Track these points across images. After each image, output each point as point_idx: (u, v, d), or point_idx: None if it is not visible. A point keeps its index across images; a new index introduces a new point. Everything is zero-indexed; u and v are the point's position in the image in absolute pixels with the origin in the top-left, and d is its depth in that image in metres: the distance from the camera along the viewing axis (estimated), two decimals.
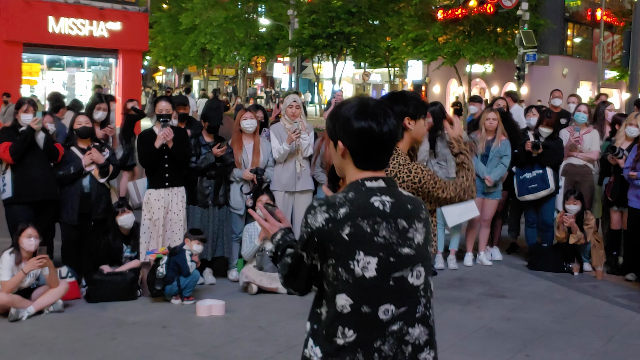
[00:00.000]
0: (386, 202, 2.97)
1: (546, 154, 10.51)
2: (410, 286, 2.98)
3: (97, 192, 8.99)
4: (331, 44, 43.19)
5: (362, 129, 2.97)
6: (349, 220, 2.90)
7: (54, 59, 32.39)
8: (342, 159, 3.07)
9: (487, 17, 37.31)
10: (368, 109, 3.00)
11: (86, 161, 8.87)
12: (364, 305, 2.89)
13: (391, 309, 2.92)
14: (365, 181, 3.00)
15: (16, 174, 8.72)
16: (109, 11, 32.03)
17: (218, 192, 9.45)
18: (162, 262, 8.49)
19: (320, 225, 2.91)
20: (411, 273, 2.98)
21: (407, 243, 2.98)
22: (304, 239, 2.97)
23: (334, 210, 2.91)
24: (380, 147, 3.02)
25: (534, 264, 10.51)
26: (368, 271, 2.89)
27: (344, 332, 2.90)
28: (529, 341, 7.54)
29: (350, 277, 2.89)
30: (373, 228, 2.91)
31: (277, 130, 9.87)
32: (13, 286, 7.85)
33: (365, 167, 3.03)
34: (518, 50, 32.69)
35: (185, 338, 7.44)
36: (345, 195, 2.96)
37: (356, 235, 2.89)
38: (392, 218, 2.96)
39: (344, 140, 3.02)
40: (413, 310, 2.98)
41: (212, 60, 55.56)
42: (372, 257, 2.90)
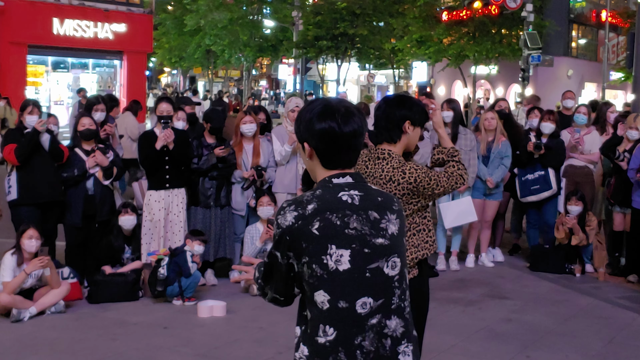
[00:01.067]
0: (355, 196, 2.99)
1: (548, 154, 10.51)
2: (385, 277, 2.98)
3: (101, 194, 9.01)
4: (335, 46, 43.18)
5: (324, 130, 3.00)
6: (318, 215, 2.91)
7: (58, 61, 32.43)
8: (310, 160, 3.10)
9: (492, 18, 37.26)
10: (329, 110, 3.03)
11: (90, 163, 8.89)
12: (340, 300, 2.89)
13: (369, 302, 2.92)
14: (332, 178, 3.03)
15: (21, 175, 8.74)
16: (113, 13, 32.10)
17: (220, 193, 9.46)
18: (163, 263, 8.52)
19: (290, 224, 2.93)
20: (387, 264, 2.98)
21: (381, 233, 2.98)
22: (276, 239, 2.99)
23: (302, 208, 2.94)
24: (344, 147, 3.04)
25: (536, 265, 10.51)
26: (342, 264, 2.90)
27: (325, 331, 2.90)
28: (530, 342, 7.53)
29: (325, 272, 2.89)
30: (343, 221, 2.92)
31: (278, 133, 9.90)
32: (15, 287, 7.88)
33: (333, 167, 3.06)
34: (523, 51, 32.63)
35: (186, 339, 7.46)
36: (313, 193, 2.99)
37: (326, 229, 2.90)
38: (363, 210, 2.97)
39: (309, 142, 3.05)
40: (389, 302, 2.98)
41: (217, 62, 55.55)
42: (345, 250, 2.91)
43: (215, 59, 54.08)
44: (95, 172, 8.94)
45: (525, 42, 32.28)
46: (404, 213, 3.16)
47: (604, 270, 10.26)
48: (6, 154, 8.69)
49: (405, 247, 3.14)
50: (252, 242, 9.26)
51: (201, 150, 9.40)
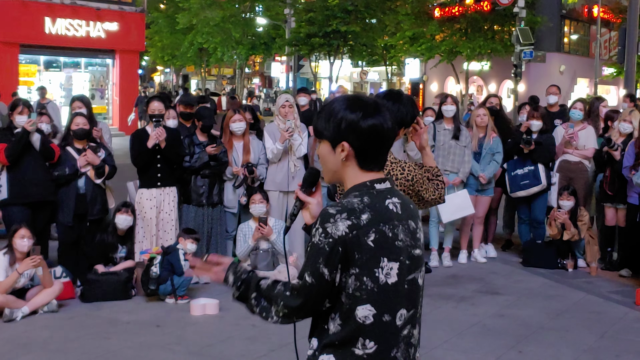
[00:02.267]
0: (397, 204, 2.88)
1: (538, 150, 10.52)
2: (418, 287, 2.94)
3: (93, 193, 9.00)
4: (328, 43, 43.18)
5: (374, 127, 2.85)
6: (373, 226, 2.77)
7: (50, 60, 32.42)
8: (344, 161, 2.90)
9: (484, 14, 37.31)
10: (372, 106, 2.89)
11: (81, 162, 8.87)
12: (385, 314, 2.79)
13: (404, 313, 2.85)
14: (374, 184, 2.88)
15: (12, 175, 8.73)
16: (105, 11, 32.08)
17: (212, 191, 9.47)
18: (155, 261, 8.52)
19: (343, 234, 2.74)
20: (419, 274, 2.94)
21: (417, 244, 2.93)
22: (326, 252, 2.75)
23: (356, 217, 2.76)
24: (387, 145, 2.94)
25: (528, 260, 10.53)
26: (390, 277, 2.79)
27: (364, 344, 2.78)
28: (522, 337, 7.55)
29: (375, 286, 2.77)
30: (393, 232, 2.82)
31: (270, 131, 9.90)
32: (7, 287, 7.86)
33: (371, 168, 2.91)
34: (515, 47, 32.66)
35: (179, 337, 7.46)
36: (361, 200, 2.82)
37: (381, 242, 2.77)
38: (405, 220, 2.88)
39: (352, 141, 2.86)
40: (417, 312, 2.94)
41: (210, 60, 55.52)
42: (395, 263, 2.81)
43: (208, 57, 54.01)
44: (87, 171, 8.93)
45: (517, 38, 32.31)
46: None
47: (596, 265, 10.29)
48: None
49: None
50: (245, 240, 9.26)
51: (193, 148, 9.40)
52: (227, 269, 3.06)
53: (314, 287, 2.78)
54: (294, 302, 2.83)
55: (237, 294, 3.02)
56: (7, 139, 8.73)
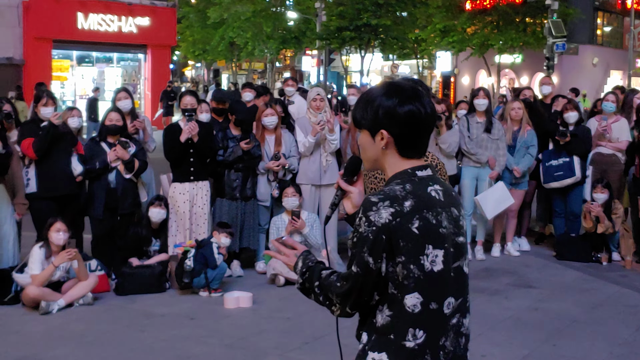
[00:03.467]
0: (439, 191, 2.85)
1: (574, 142, 10.46)
2: (464, 275, 2.90)
3: (123, 187, 9.05)
4: (359, 37, 43.10)
5: (411, 113, 2.82)
6: (417, 213, 2.74)
7: (83, 55, 32.64)
8: (384, 149, 2.88)
9: (516, 7, 37.07)
10: (410, 92, 2.86)
11: (111, 157, 8.92)
12: (432, 302, 2.77)
13: (451, 302, 2.82)
14: (416, 171, 2.85)
15: (40, 169, 8.78)
16: (137, 7, 32.24)
17: (245, 184, 9.50)
18: (189, 255, 8.56)
19: (386, 221, 2.71)
20: (465, 262, 2.91)
21: (461, 231, 2.90)
22: (370, 240, 2.73)
23: (399, 204, 2.73)
24: (427, 130, 2.90)
25: (562, 254, 10.47)
26: (436, 265, 2.76)
27: (415, 334, 2.76)
28: (556, 331, 7.52)
29: (422, 274, 2.74)
30: (437, 219, 2.78)
31: (302, 124, 9.91)
32: (43, 279, 7.96)
33: (411, 155, 2.88)
34: (547, 40, 32.43)
35: (212, 330, 7.51)
36: (403, 187, 2.79)
37: (425, 229, 2.74)
38: (447, 207, 2.85)
39: (391, 129, 2.84)
40: (465, 300, 2.91)
41: (241, 54, 55.60)
42: (440, 250, 2.77)
43: (239, 51, 54.12)
44: (117, 166, 8.98)
45: (549, 30, 32.07)
46: None
47: (630, 258, 10.20)
48: (24, 149, 8.72)
49: None
50: (278, 233, 9.28)
51: (226, 142, 9.44)
52: (299, 255, 3.07)
53: (359, 276, 2.76)
54: (342, 291, 2.82)
55: (301, 281, 3.00)
56: (34, 132, 8.78)
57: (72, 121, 9.24)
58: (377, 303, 2.82)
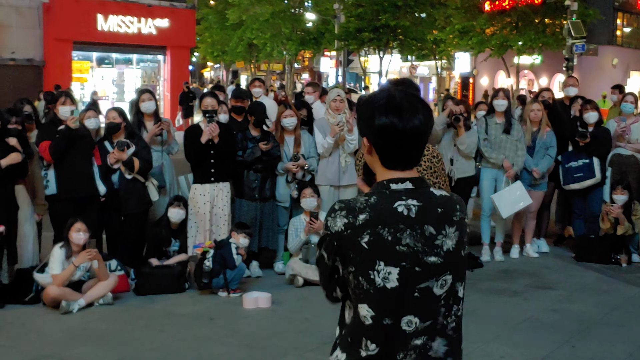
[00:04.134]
0: (412, 207, 2.75)
1: (593, 143, 10.42)
2: (434, 297, 2.78)
3: (126, 188, 9.07)
4: (377, 37, 43.07)
5: (384, 126, 2.76)
6: (368, 228, 2.70)
7: (103, 57, 32.76)
8: (370, 156, 2.87)
9: (535, 7, 36.93)
10: (393, 104, 2.79)
11: (111, 160, 8.95)
12: (385, 318, 2.72)
13: (415, 321, 2.74)
14: (390, 183, 2.80)
15: (59, 170, 8.81)
16: (156, 8, 32.32)
17: (265, 185, 9.53)
18: (208, 255, 8.60)
19: (339, 230, 2.74)
20: (437, 283, 2.77)
21: (434, 251, 2.76)
22: (325, 240, 2.80)
23: (353, 216, 2.72)
24: (406, 145, 2.80)
25: (582, 255, 10.43)
26: (389, 282, 2.70)
27: (367, 345, 2.74)
28: (575, 332, 7.50)
29: (371, 288, 2.71)
30: (395, 236, 2.70)
31: (320, 126, 9.93)
32: (64, 279, 8.02)
33: (392, 166, 2.82)
34: (566, 40, 32.28)
35: (231, 330, 7.54)
36: (367, 200, 2.76)
37: (375, 244, 2.70)
38: (418, 224, 2.74)
39: (369, 137, 2.83)
40: (435, 323, 2.79)
41: (260, 56, 55.70)
42: (393, 268, 2.70)
43: (258, 52, 54.21)
44: (119, 167, 9.01)
45: (569, 31, 31.91)
46: (465, 219, 2.93)
47: None
48: (42, 151, 8.75)
49: (463, 259, 2.89)
50: (297, 233, 9.30)
51: (245, 143, 9.47)
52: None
53: (319, 262, 2.87)
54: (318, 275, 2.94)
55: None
56: (51, 135, 8.82)
57: (89, 122, 9.20)
58: (344, 299, 2.86)
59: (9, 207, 8.24)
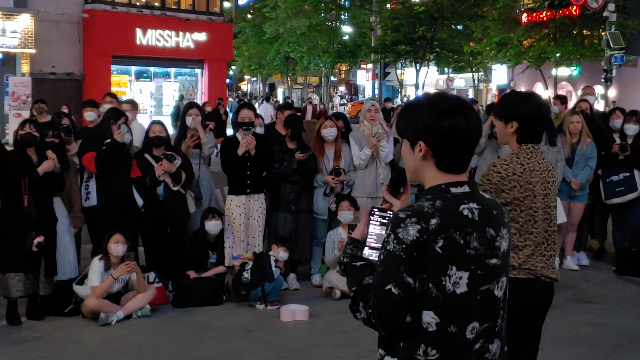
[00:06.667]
0: (474, 210, 2.76)
1: (633, 155, 10.29)
2: (494, 299, 2.80)
3: (172, 200, 9.09)
4: (414, 50, 43.01)
5: (450, 127, 2.77)
6: (442, 232, 2.68)
7: (141, 70, 33.02)
8: (422, 161, 2.83)
9: (573, 19, 36.62)
10: (453, 106, 2.81)
11: (159, 171, 8.97)
12: (451, 325, 2.70)
13: (476, 327, 2.74)
14: (449, 187, 2.79)
15: (100, 183, 8.86)
16: (194, 22, 32.54)
17: (301, 197, 9.53)
18: (247, 267, 8.60)
19: (414, 239, 2.67)
20: (497, 285, 2.80)
21: (495, 253, 2.79)
22: (404, 260, 2.68)
23: (425, 221, 2.68)
24: (468, 147, 2.83)
25: (623, 268, 10.29)
26: (459, 287, 2.70)
27: (426, 351, 2.71)
28: (618, 347, 7.40)
29: (441, 294, 2.68)
30: (465, 240, 2.71)
31: (356, 137, 9.91)
32: (103, 291, 8.05)
33: (449, 170, 2.82)
34: (605, 52, 32.00)
35: (269, 342, 7.52)
36: (433, 204, 2.73)
37: (449, 249, 2.68)
38: (481, 227, 2.76)
39: (428, 140, 2.80)
40: (494, 325, 2.80)
41: (296, 69, 55.92)
42: (464, 272, 2.70)
43: (294, 65, 54.41)
44: (165, 179, 9.04)
45: (607, 42, 31.62)
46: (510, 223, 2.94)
47: None
48: (86, 162, 8.82)
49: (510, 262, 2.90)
50: (334, 247, 9.27)
51: (283, 155, 9.48)
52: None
53: (402, 299, 2.69)
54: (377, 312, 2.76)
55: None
56: (97, 146, 8.85)
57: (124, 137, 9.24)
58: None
59: (48, 218, 8.29)
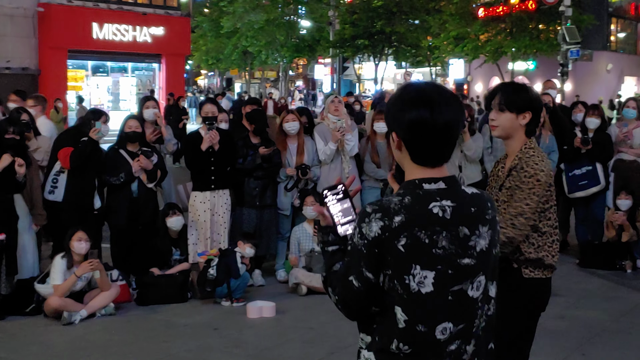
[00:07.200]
0: (446, 208, 2.67)
1: (595, 149, 10.35)
2: (469, 299, 2.70)
3: (146, 196, 9.03)
4: (373, 44, 43.03)
5: (414, 119, 2.67)
6: (405, 231, 2.61)
7: (98, 65, 32.69)
8: (399, 152, 2.78)
9: (529, 13, 36.95)
10: (422, 97, 2.70)
11: (135, 168, 8.88)
12: (419, 324, 2.63)
13: (449, 327, 2.66)
14: (422, 183, 2.70)
15: (71, 179, 8.75)
16: (151, 16, 32.30)
17: (265, 193, 9.46)
18: (212, 264, 8.50)
19: (376, 235, 2.62)
20: (471, 285, 2.70)
21: (468, 252, 2.69)
22: (364, 255, 2.65)
23: (389, 218, 2.62)
24: (437, 140, 2.70)
25: (586, 261, 10.35)
26: (424, 286, 2.62)
27: (399, 346, 2.66)
28: (585, 340, 7.42)
29: (405, 292, 2.62)
30: (432, 239, 2.63)
31: (321, 132, 9.85)
32: (65, 290, 7.90)
33: (423, 162, 2.73)
34: (561, 46, 32.29)
35: (237, 340, 7.43)
36: (401, 200, 2.66)
37: (413, 248, 2.61)
38: (453, 226, 2.66)
39: (398, 131, 2.74)
40: (470, 326, 2.71)
41: (254, 63, 55.68)
42: (429, 271, 2.62)
43: (252, 60, 54.19)
44: (140, 175, 8.95)
45: (563, 37, 31.90)
46: (497, 217, 2.84)
47: None
48: (61, 157, 8.69)
49: (495, 258, 2.80)
50: (298, 242, 9.22)
51: (246, 150, 9.39)
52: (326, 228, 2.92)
53: (361, 291, 2.68)
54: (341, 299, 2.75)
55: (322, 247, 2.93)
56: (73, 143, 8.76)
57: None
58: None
59: (8, 216, 8.13)
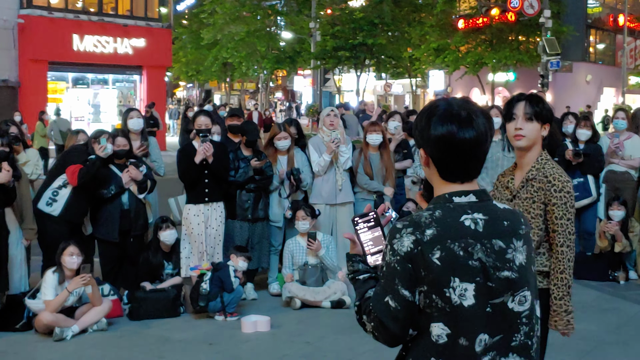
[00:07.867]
0: (479, 220, 2.64)
1: (587, 161, 10.34)
2: (510, 312, 2.66)
3: (136, 208, 8.95)
4: (354, 56, 43.02)
5: (440, 136, 2.66)
6: (438, 244, 2.58)
7: (78, 77, 32.47)
8: (428, 169, 2.76)
9: (509, 25, 37.12)
10: (451, 112, 2.67)
11: (125, 179, 8.79)
12: (461, 337, 2.60)
13: (484, 339, 2.61)
14: (452, 197, 2.68)
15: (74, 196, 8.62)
16: (132, 28, 32.17)
17: (257, 205, 9.37)
18: (205, 278, 8.40)
19: (408, 250, 2.59)
20: (512, 298, 2.66)
21: (507, 265, 2.65)
22: (399, 272, 2.61)
23: (420, 232, 2.59)
24: (465, 156, 2.67)
25: (579, 273, 10.25)
26: (466, 299, 2.58)
27: None
28: (584, 352, 7.38)
29: (447, 306, 2.58)
30: (466, 251, 2.59)
31: (315, 143, 9.79)
32: (57, 305, 7.77)
33: (452, 179, 2.71)
34: (541, 57, 32.45)
35: (233, 355, 7.34)
36: (432, 214, 2.64)
37: (448, 260, 2.57)
38: (486, 238, 2.64)
39: (425, 148, 2.72)
40: (509, 339, 2.66)
41: (234, 75, 55.59)
42: (469, 284, 2.59)
43: (233, 71, 54.09)
44: (130, 187, 8.86)
45: (543, 48, 32.08)
46: (531, 234, 2.82)
47: None
48: (69, 173, 8.54)
49: (535, 276, 2.77)
50: (292, 255, 9.14)
51: (238, 163, 9.31)
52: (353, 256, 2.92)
53: (399, 311, 2.62)
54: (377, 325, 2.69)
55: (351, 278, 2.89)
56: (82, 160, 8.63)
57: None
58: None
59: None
